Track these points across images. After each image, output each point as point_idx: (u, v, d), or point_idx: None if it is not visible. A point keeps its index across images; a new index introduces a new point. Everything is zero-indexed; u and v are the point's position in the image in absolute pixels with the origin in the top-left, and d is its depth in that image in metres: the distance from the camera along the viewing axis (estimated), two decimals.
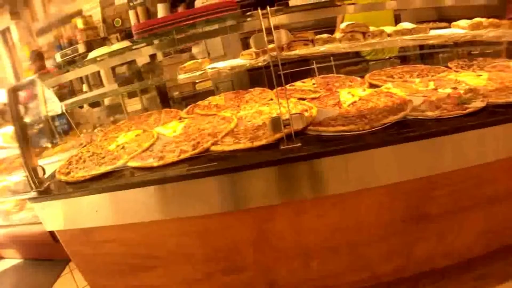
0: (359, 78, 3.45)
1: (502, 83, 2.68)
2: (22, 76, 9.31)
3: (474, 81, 2.83)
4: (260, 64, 2.48)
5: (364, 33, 2.66)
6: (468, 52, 3.79)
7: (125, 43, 2.91)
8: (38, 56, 6.81)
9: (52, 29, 8.42)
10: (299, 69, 3.59)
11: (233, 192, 2.32)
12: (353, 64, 4.82)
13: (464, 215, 2.49)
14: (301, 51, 2.55)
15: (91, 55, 2.96)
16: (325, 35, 2.67)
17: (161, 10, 6.91)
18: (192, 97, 4.48)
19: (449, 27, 3.00)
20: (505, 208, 2.52)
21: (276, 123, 2.30)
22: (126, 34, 7.39)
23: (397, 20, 4.59)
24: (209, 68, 2.69)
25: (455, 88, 2.71)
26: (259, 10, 2.28)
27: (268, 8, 2.26)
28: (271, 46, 2.27)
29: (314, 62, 3.78)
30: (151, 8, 7.39)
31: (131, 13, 7.42)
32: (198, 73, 2.65)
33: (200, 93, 4.54)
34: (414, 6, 3.10)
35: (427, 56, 4.28)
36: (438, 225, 2.51)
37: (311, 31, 2.74)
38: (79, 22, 7.55)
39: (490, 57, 3.51)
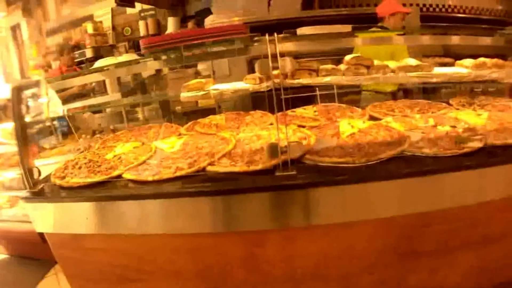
0: (360, 109, 3.48)
1: (501, 124, 2.72)
2: (27, 73, 9.37)
3: (473, 120, 2.87)
4: (263, 89, 2.53)
5: (368, 67, 2.70)
6: (471, 89, 3.84)
7: (132, 56, 2.95)
8: (68, 51, 6.84)
9: (62, 30, 8.51)
10: (301, 95, 3.63)
11: (225, 214, 2.35)
12: (355, 93, 4.87)
13: (457, 252, 2.51)
14: (304, 80, 2.61)
15: (98, 64, 3.00)
16: (329, 66, 2.72)
17: (171, 24, 7.01)
18: (194, 112, 4.52)
19: (454, 63, 3.06)
20: (498, 248, 2.53)
21: (273, 149, 2.33)
22: (134, 44, 7.51)
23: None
24: (212, 89, 2.74)
25: (454, 126, 2.75)
26: (267, 36, 2.35)
27: (276, 35, 2.32)
28: (275, 72, 2.32)
29: (317, 89, 3.80)
30: (162, 20, 7.48)
31: (141, 24, 7.57)
32: (201, 93, 2.69)
33: (203, 110, 4.58)
34: (420, 43, 3.15)
35: (430, 90, 4.29)
36: (430, 261, 2.52)
37: (316, 60, 2.78)
38: (89, 27, 7.67)
39: (493, 95, 3.56)
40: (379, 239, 2.44)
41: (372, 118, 3.27)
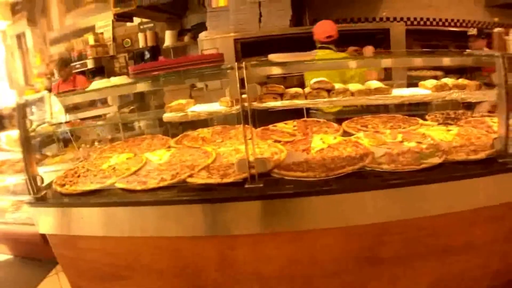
0: (335, 125, 3.61)
1: (468, 139, 2.85)
2: (31, 81, 9.59)
3: (441, 135, 2.98)
4: (234, 111, 2.71)
5: (329, 91, 2.86)
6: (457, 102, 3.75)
7: (123, 79, 3.21)
8: (64, 62, 6.86)
9: (65, 40, 8.65)
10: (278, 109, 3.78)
11: (200, 220, 2.60)
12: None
13: (417, 262, 2.62)
14: (269, 104, 2.78)
15: (93, 85, 3.21)
16: (292, 90, 2.87)
17: (168, 37, 7.23)
18: (190, 123, 4.75)
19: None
20: (459, 260, 2.62)
21: (242, 164, 2.57)
22: (134, 55, 7.74)
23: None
24: (190, 111, 2.94)
25: (419, 142, 2.87)
26: (236, 64, 2.55)
27: (244, 63, 2.52)
28: (244, 96, 2.54)
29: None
30: (160, 33, 7.70)
31: (141, 36, 7.76)
32: (180, 114, 2.90)
33: (197, 121, 4.85)
34: (381, 66, 3.34)
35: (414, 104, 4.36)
36: (390, 269, 2.64)
37: (281, 85, 2.96)
38: (91, 39, 7.87)
39: (483, 107, 3.67)
40: (339, 246, 2.59)
41: (346, 133, 3.40)
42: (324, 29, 4.68)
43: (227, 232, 2.62)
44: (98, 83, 3.28)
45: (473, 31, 6.44)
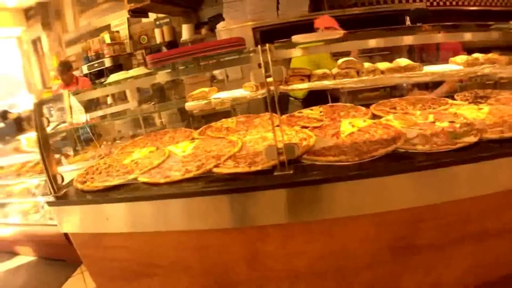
0: (364, 108, 3.48)
1: (501, 117, 2.72)
2: (48, 83, 9.62)
3: (473, 114, 2.87)
4: (259, 96, 2.63)
5: (358, 71, 2.75)
6: (483, 82, 3.80)
7: (142, 70, 3.13)
8: (66, 67, 6.68)
9: (81, 41, 8.66)
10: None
11: (228, 211, 2.48)
12: (369, 90, 4.97)
13: (452, 249, 2.50)
14: (297, 86, 2.68)
15: (111, 78, 3.14)
16: (320, 71, 2.78)
17: (185, 31, 7.16)
18: (212, 115, 4.62)
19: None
20: (494, 244, 2.51)
21: (270, 151, 2.45)
22: (151, 51, 7.69)
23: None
24: (213, 98, 2.84)
25: (452, 122, 2.76)
26: (259, 47, 2.43)
27: (267, 45, 2.41)
28: (269, 80, 2.43)
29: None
30: (177, 27, 7.63)
31: (157, 32, 7.71)
32: (203, 101, 2.81)
33: (219, 112, 4.73)
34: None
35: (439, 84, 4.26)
36: (425, 257, 2.53)
37: (308, 67, 2.86)
38: (107, 37, 7.85)
39: (507, 88, 3.51)
40: (372, 236, 2.49)
41: (375, 116, 3.28)
42: (323, 21, 4.63)
43: (257, 222, 2.51)
44: (116, 75, 3.18)
45: None
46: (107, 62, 7.84)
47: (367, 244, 2.52)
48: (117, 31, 8.26)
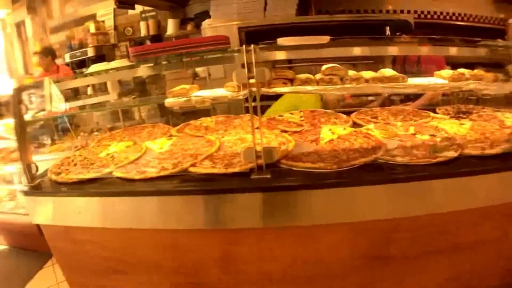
0: (344, 116, 3.50)
1: (482, 134, 2.74)
2: (30, 69, 9.50)
3: (454, 129, 2.89)
4: (240, 97, 2.57)
5: (342, 78, 2.70)
6: (465, 97, 3.82)
7: (124, 62, 3.09)
8: (46, 53, 6.64)
9: (66, 29, 8.58)
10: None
11: (202, 212, 2.45)
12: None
13: (427, 261, 2.52)
14: (279, 89, 2.64)
15: (92, 68, 3.12)
16: (303, 76, 2.73)
17: (171, 26, 7.14)
18: (192, 113, 4.58)
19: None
20: (470, 258, 2.53)
21: (249, 153, 2.44)
22: (135, 43, 7.65)
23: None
24: (194, 96, 2.80)
25: (433, 135, 2.77)
26: (244, 47, 2.41)
27: (252, 46, 2.39)
28: (252, 81, 2.42)
29: None
30: (162, 21, 7.60)
31: (143, 24, 7.69)
32: (183, 99, 2.75)
33: (199, 111, 4.69)
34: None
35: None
36: (399, 268, 2.54)
37: (294, 67, 2.85)
38: (92, 27, 7.79)
39: (488, 104, 3.56)
40: (346, 244, 2.49)
41: (356, 124, 3.31)
42: None
43: (231, 225, 2.49)
44: (97, 66, 3.13)
45: None
46: (90, 52, 7.77)
47: (341, 252, 2.52)
48: (103, 21, 8.17)
